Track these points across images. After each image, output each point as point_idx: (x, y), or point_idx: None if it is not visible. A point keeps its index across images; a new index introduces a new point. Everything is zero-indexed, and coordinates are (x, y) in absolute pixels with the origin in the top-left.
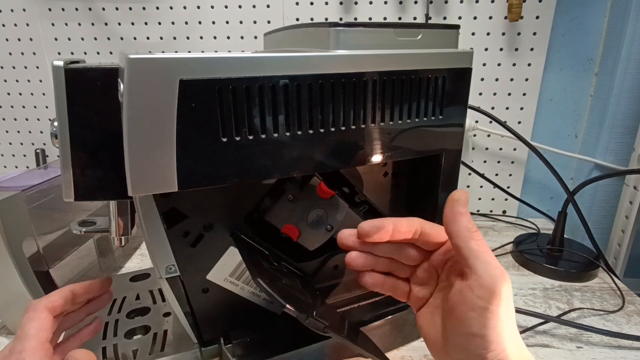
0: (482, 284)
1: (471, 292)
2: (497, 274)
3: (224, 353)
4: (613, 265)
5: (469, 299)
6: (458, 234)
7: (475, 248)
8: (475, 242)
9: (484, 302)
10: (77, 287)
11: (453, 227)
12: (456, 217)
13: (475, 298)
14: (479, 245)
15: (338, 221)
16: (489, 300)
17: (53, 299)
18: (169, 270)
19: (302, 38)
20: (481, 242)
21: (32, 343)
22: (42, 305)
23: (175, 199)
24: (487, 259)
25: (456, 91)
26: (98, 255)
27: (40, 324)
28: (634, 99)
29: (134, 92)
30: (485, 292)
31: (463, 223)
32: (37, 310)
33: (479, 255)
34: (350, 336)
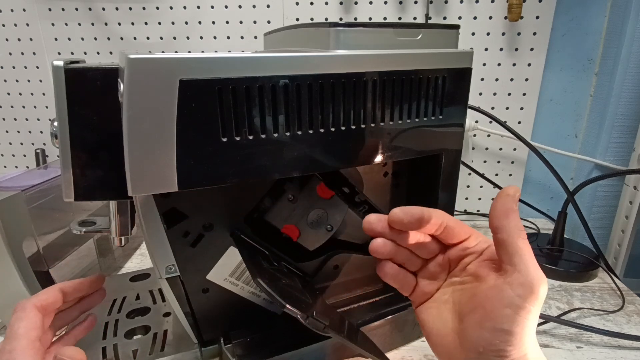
0: (524, 282)
1: (510, 289)
2: (539, 275)
3: (224, 353)
4: (613, 265)
5: (507, 295)
6: (508, 230)
7: (522, 247)
8: (523, 241)
9: (522, 300)
10: (66, 285)
11: (504, 222)
12: (509, 213)
13: (514, 296)
14: (525, 245)
15: (338, 221)
16: (527, 299)
17: (42, 297)
18: (169, 270)
19: (302, 38)
20: (527, 242)
21: (22, 342)
22: (30, 305)
23: (175, 199)
24: (532, 259)
25: (456, 91)
26: (98, 255)
27: (29, 323)
28: (634, 99)
29: (134, 92)
30: (525, 291)
31: (515, 220)
32: (26, 310)
33: (524, 255)
34: (350, 336)
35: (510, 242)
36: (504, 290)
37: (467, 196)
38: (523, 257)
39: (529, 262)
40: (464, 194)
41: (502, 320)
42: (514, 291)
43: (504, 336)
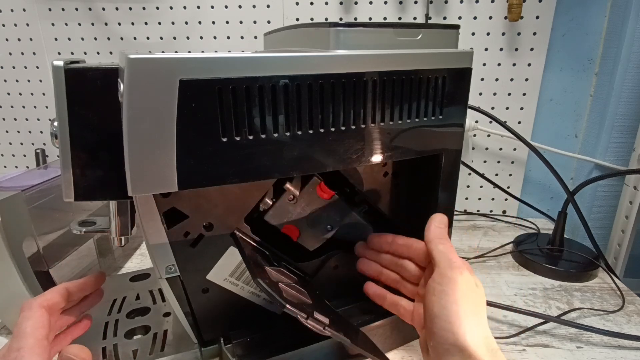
0: (441, 272)
1: (433, 281)
2: (455, 265)
3: (224, 353)
4: (613, 265)
5: (432, 286)
6: (431, 240)
7: (442, 249)
8: (443, 245)
9: (442, 286)
10: (71, 285)
11: (428, 236)
12: (431, 229)
13: (435, 284)
14: (445, 247)
15: (338, 221)
16: (445, 284)
17: (48, 297)
18: (169, 270)
19: (302, 38)
20: (448, 245)
21: (30, 341)
22: (37, 304)
23: (175, 199)
24: (449, 255)
25: (456, 91)
26: (98, 255)
27: (37, 322)
28: (634, 99)
29: (134, 92)
30: (442, 278)
31: (436, 233)
32: (32, 309)
33: (442, 253)
34: (350, 336)
35: (433, 248)
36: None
37: (467, 196)
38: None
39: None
40: (464, 194)
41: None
42: (435, 281)
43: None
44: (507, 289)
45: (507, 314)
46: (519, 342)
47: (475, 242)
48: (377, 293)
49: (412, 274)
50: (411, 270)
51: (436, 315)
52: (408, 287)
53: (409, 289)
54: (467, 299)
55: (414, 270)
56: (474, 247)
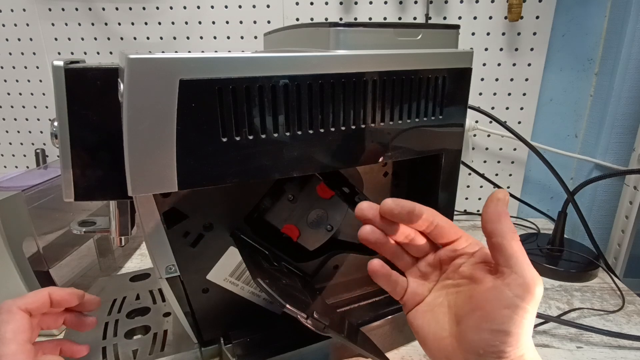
0: (521, 283)
1: (508, 290)
2: (535, 276)
3: (224, 353)
4: (613, 265)
5: (505, 296)
6: (503, 234)
7: (517, 249)
8: (517, 244)
9: (520, 300)
10: (56, 293)
11: (497, 226)
12: (501, 217)
13: (512, 296)
14: (519, 246)
15: (338, 221)
16: (525, 299)
17: (28, 300)
18: (169, 270)
19: (302, 38)
20: (520, 244)
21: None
22: (15, 307)
23: (175, 199)
24: (527, 261)
25: (456, 91)
26: (98, 255)
27: (17, 326)
28: (634, 99)
29: (134, 92)
30: (523, 291)
31: (507, 223)
32: (11, 312)
33: (519, 257)
34: (350, 336)
35: (505, 245)
36: (502, 292)
37: (467, 196)
38: (519, 259)
39: (525, 263)
40: (464, 194)
41: (501, 321)
42: (512, 292)
43: (503, 337)
44: None
45: None
46: None
47: None
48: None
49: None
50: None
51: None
52: (405, 260)
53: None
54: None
55: (424, 246)
56: None
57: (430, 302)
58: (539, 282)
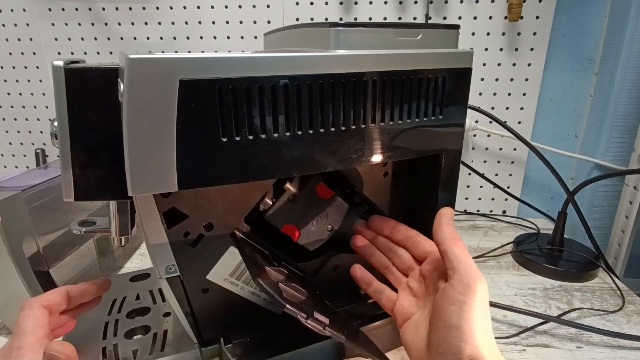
0: (462, 280)
1: (452, 289)
2: (475, 274)
3: (224, 353)
4: (613, 265)
5: (450, 294)
6: (445, 241)
7: (458, 253)
8: (459, 248)
9: (463, 296)
10: (73, 289)
11: (441, 235)
12: (443, 227)
13: (456, 293)
14: (461, 250)
15: (338, 221)
16: (466, 294)
17: (49, 297)
18: (169, 270)
19: (302, 38)
20: (463, 248)
21: (31, 339)
22: (37, 303)
23: (175, 199)
24: (468, 261)
25: (456, 91)
26: (98, 255)
27: (37, 321)
28: (634, 99)
29: (134, 92)
30: (464, 288)
31: (449, 232)
32: (33, 308)
33: (461, 258)
34: (350, 336)
35: (447, 250)
36: (449, 291)
37: (467, 196)
38: (460, 260)
39: (466, 263)
40: (464, 194)
41: (449, 317)
42: (455, 289)
43: (455, 332)
44: (507, 289)
45: (507, 314)
46: (519, 342)
47: (475, 242)
48: (365, 277)
49: (404, 263)
50: (405, 259)
51: (454, 326)
52: (396, 275)
53: (396, 276)
54: (484, 309)
55: (408, 260)
56: (474, 247)
57: (417, 319)
58: (480, 279)
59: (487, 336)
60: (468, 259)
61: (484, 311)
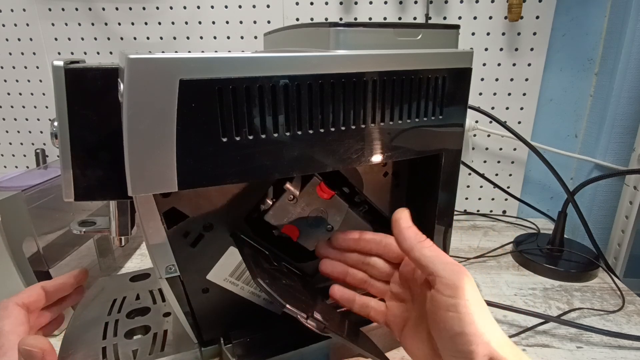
0: (447, 282)
1: (440, 295)
2: (456, 270)
3: (224, 353)
4: (613, 265)
5: (441, 301)
6: (411, 248)
7: (430, 254)
8: (428, 249)
9: (454, 298)
10: (48, 285)
11: (405, 244)
12: (403, 233)
13: (446, 298)
14: (432, 250)
15: (338, 221)
16: (457, 295)
17: (23, 296)
18: (169, 270)
19: (302, 38)
20: (433, 247)
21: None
22: (12, 303)
23: (175, 199)
24: (444, 260)
25: (456, 91)
26: (98, 255)
27: (15, 320)
28: (634, 99)
29: (134, 92)
30: (452, 290)
31: (411, 236)
32: (8, 308)
33: (435, 260)
34: (350, 336)
35: (418, 256)
36: (438, 298)
37: (467, 196)
38: (434, 262)
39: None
40: (464, 194)
41: (450, 325)
42: (444, 294)
43: (461, 338)
44: (507, 289)
45: (507, 314)
46: (519, 342)
47: (475, 242)
48: (345, 296)
49: (381, 272)
50: (381, 267)
51: (458, 333)
52: (377, 286)
53: (378, 287)
54: (479, 302)
55: (384, 267)
56: (474, 247)
57: (413, 322)
58: (464, 273)
59: (493, 328)
60: (442, 257)
61: (480, 304)
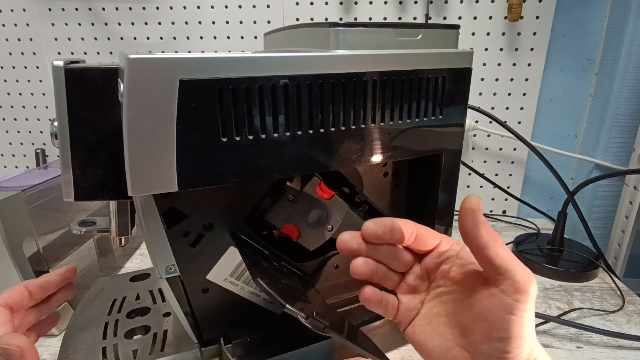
0: (518, 287)
1: (508, 297)
2: (528, 276)
3: (224, 353)
4: (613, 265)
5: (505, 302)
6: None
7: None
8: (502, 249)
9: (519, 303)
10: (32, 283)
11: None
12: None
13: (511, 300)
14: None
15: (338, 221)
16: (522, 300)
17: (5, 295)
18: (169, 270)
19: (302, 38)
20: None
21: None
22: None
23: (175, 199)
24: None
25: (456, 91)
26: (98, 255)
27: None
28: (634, 99)
29: (134, 92)
30: (520, 294)
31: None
32: None
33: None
34: (350, 336)
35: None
36: (502, 299)
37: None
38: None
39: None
40: (464, 194)
41: (508, 327)
42: (510, 297)
43: (514, 341)
44: None
45: None
46: None
47: None
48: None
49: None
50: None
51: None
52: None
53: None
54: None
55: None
56: None
57: (426, 314)
58: (533, 280)
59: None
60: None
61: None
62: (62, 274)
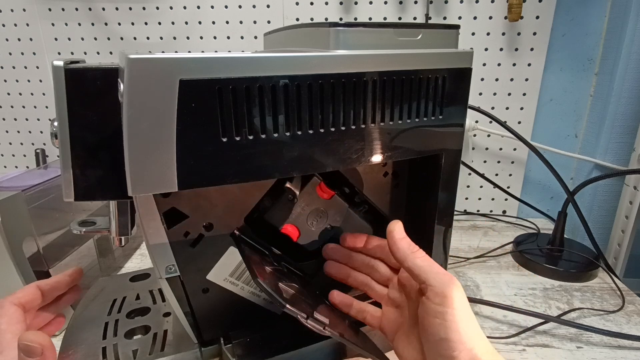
0: (437, 291)
1: (430, 302)
2: (446, 280)
3: (224, 353)
4: (613, 265)
5: (430, 308)
6: (405, 258)
7: (422, 264)
8: (420, 259)
9: (442, 306)
10: (44, 283)
11: (398, 254)
12: (397, 244)
13: (435, 306)
14: (424, 261)
15: (338, 221)
16: (445, 303)
17: (19, 295)
18: (169, 270)
19: (302, 38)
20: (425, 257)
21: (7, 336)
22: (7, 302)
23: (175, 199)
24: (435, 269)
25: (456, 91)
26: (98, 255)
27: (11, 318)
28: (634, 99)
29: (134, 92)
30: (440, 298)
31: (404, 247)
32: (4, 307)
33: (427, 269)
34: (350, 336)
35: (412, 266)
36: (427, 305)
37: (467, 196)
38: (427, 272)
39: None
40: (464, 194)
41: (437, 330)
42: (433, 302)
43: (444, 344)
44: (507, 289)
45: (507, 314)
46: (519, 342)
47: (475, 242)
48: (344, 301)
49: (382, 275)
50: (382, 271)
51: (443, 339)
52: (377, 290)
53: (377, 291)
54: (467, 311)
55: (385, 271)
56: (474, 247)
57: (406, 327)
58: (452, 283)
59: (478, 336)
60: (434, 267)
61: (467, 313)
62: (71, 274)
